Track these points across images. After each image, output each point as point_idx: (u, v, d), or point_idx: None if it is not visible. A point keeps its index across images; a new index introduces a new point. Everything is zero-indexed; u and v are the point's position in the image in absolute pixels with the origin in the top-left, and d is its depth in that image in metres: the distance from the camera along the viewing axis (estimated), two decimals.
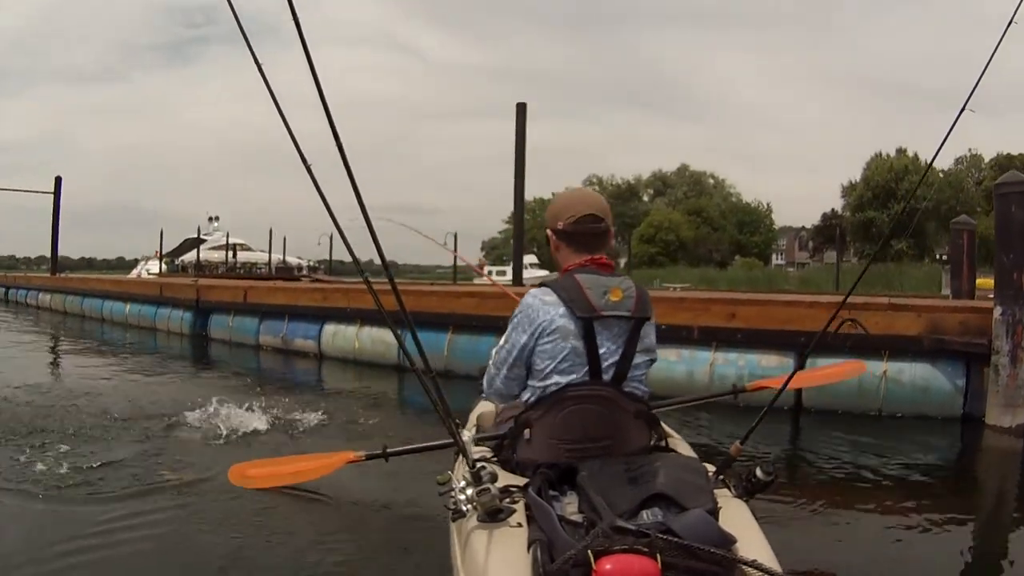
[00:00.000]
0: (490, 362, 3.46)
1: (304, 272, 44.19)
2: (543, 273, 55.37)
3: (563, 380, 3.20)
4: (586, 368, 3.20)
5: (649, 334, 3.37)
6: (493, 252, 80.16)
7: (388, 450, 4.14)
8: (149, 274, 43.43)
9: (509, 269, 25.51)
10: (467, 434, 3.08)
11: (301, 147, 3.09)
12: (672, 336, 9.31)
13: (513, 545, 2.47)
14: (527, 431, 3.21)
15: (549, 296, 3.24)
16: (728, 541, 2.35)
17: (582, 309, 3.16)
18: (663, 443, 3.39)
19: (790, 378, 3.68)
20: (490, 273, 60.02)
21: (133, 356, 15.00)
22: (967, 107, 3.56)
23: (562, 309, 3.19)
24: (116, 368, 12.85)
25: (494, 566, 2.41)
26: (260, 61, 3.17)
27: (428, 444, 4.20)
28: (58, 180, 39.09)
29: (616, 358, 3.23)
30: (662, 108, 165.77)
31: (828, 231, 65.27)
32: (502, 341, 3.37)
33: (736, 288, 25.15)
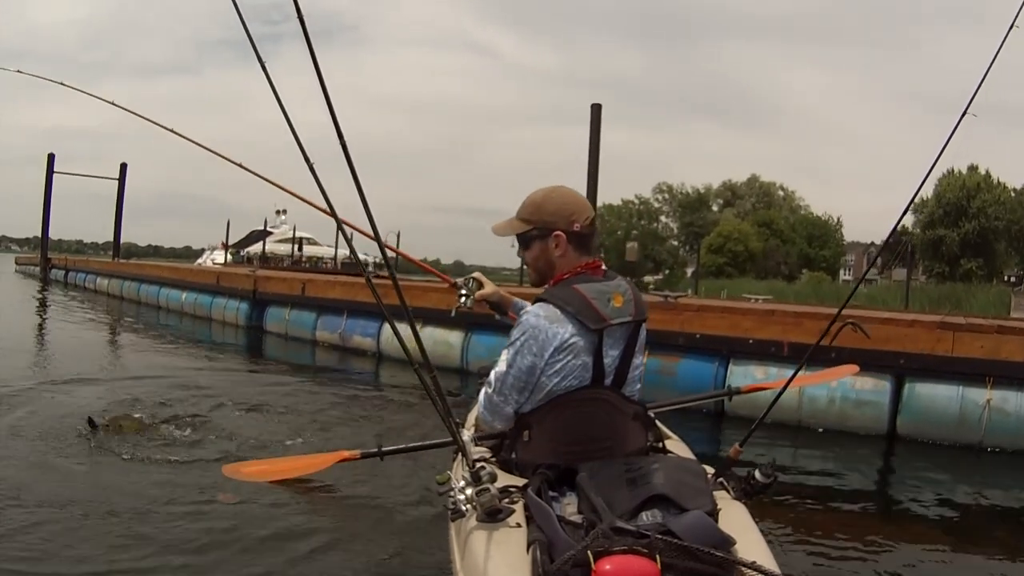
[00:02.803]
0: (489, 391, 3.33)
1: (370, 269, 43.91)
2: None
3: (567, 387, 3.16)
4: (590, 376, 3.17)
5: (643, 334, 3.36)
6: None
7: (383, 449, 4.19)
8: (214, 264, 43.57)
9: None
10: (467, 434, 3.01)
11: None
12: (759, 352, 8.83)
13: (512, 545, 2.47)
14: (526, 432, 3.19)
15: (553, 312, 3.16)
16: (727, 543, 2.35)
17: (594, 321, 3.13)
18: (660, 444, 3.43)
19: (789, 381, 3.67)
20: None
21: (184, 346, 14.86)
22: (969, 111, 3.49)
23: (571, 326, 3.13)
24: (164, 356, 12.84)
25: (493, 566, 2.40)
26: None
27: (424, 443, 4.28)
28: (123, 166, 39.71)
29: (617, 362, 3.23)
30: (734, 119, 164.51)
31: (897, 248, 64.13)
32: (503, 367, 3.24)
33: (805, 302, 24.39)
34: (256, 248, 48.66)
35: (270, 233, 49.19)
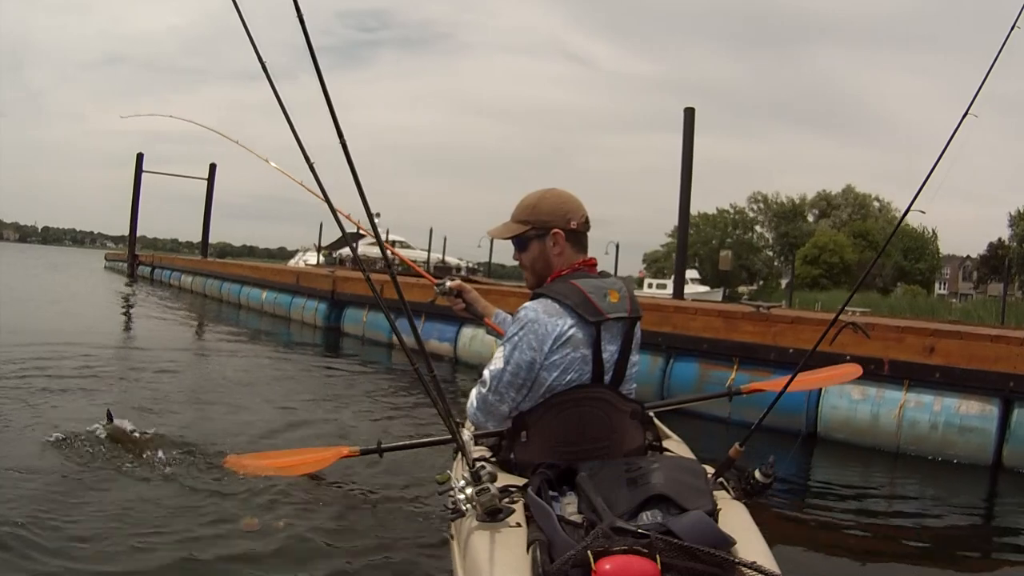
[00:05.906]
0: (484, 390, 3.34)
1: (462, 273, 44.06)
2: (704, 289, 53.92)
3: (567, 385, 3.18)
4: (590, 371, 3.20)
5: (638, 332, 3.39)
6: (654, 265, 79.00)
7: (383, 445, 4.20)
8: (307, 265, 43.96)
9: (669, 282, 24.03)
10: (467, 433, 2.99)
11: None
12: None
13: (512, 545, 2.48)
14: (523, 432, 3.18)
15: (552, 306, 3.20)
16: (727, 542, 2.36)
17: (592, 314, 3.17)
18: (659, 443, 3.43)
19: (790, 381, 3.55)
20: (650, 286, 58.86)
21: (260, 344, 14.97)
22: (970, 112, 3.46)
23: (570, 319, 3.17)
24: (241, 352, 12.99)
25: (493, 566, 2.40)
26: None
27: (423, 440, 4.35)
28: (212, 167, 40.48)
29: (615, 359, 3.25)
30: (831, 128, 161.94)
31: (994, 261, 62.52)
32: (500, 363, 3.26)
33: (900, 316, 23.45)
34: (348, 250, 48.85)
35: (363, 236, 49.23)
